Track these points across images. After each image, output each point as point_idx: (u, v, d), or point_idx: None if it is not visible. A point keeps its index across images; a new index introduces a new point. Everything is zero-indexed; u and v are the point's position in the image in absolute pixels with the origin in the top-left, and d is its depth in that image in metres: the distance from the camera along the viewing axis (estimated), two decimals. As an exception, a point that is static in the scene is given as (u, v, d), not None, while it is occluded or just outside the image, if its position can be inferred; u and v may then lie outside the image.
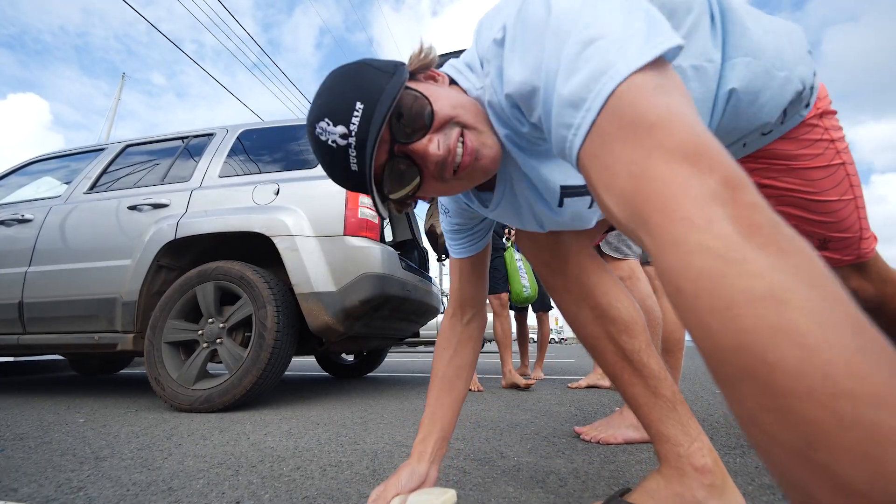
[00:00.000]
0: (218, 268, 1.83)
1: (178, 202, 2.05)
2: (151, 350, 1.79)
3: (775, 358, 0.22)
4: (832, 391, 0.20)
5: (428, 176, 0.51)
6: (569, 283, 0.72)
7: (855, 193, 0.73)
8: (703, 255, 0.25)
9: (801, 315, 0.22)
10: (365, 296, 1.78)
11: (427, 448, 0.71)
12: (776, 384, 0.21)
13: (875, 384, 0.19)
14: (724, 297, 0.24)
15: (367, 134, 0.46)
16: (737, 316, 0.23)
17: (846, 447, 0.19)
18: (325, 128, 0.48)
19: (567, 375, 3.46)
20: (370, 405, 1.86)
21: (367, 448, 1.12)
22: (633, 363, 0.67)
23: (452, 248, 0.79)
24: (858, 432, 0.19)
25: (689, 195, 0.27)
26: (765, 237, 0.25)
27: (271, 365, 1.68)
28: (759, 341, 0.22)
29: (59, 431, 1.32)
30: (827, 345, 0.21)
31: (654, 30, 0.35)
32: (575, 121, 0.35)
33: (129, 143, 2.53)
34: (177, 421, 1.49)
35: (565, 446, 1.14)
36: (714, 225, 0.26)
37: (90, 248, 2.07)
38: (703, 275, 0.25)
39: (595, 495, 0.78)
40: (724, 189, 0.27)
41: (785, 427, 0.22)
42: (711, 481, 0.59)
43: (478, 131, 0.51)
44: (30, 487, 0.83)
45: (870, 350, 0.20)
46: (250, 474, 0.90)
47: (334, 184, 2.04)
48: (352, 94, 0.47)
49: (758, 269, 0.24)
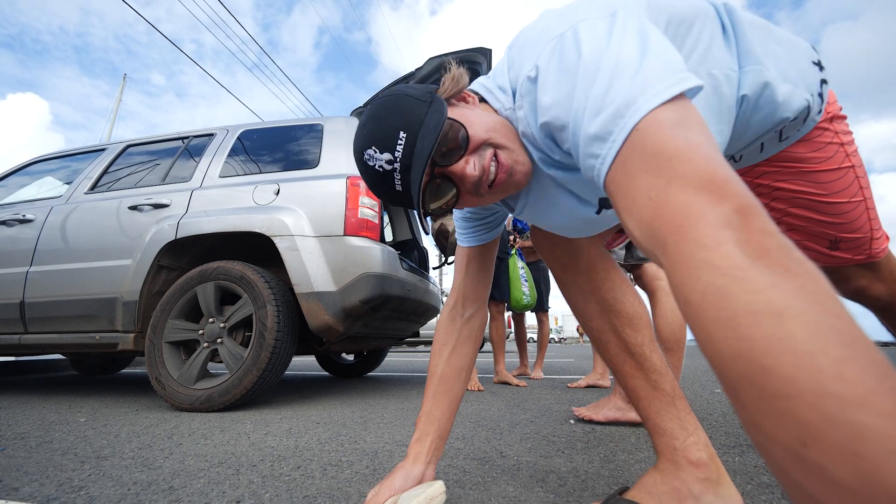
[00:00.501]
0: (218, 268, 1.83)
1: (179, 202, 2.05)
2: (152, 350, 1.79)
3: (770, 364, 0.23)
4: (820, 392, 0.21)
5: (464, 192, 0.57)
6: (579, 278, 0.74)
7: (864, 195, 0.74)
8: (710, 271, 0.28)
9: (797, 326, 0.24)
10: (365, 295, 1.78)
11: (423, 449, 0.71)
12: (771, 388, 0.23)
13: (860, 387, 0.21)
14: (726, 308, 0.26)
15: (410, 160, 0.52)
16: (737, 326, 0.25)
17: (834, 445, 0.21)
18: (372, 154, 0.53)
19: (567, 375, 3.46)
20: (370, 405, 1.86)
21: (367, 447, 1.12)
22: (634, 356, 0.68)
23: (461, 236, 0.80)
24: (845, 430, 0.21)
25: (704, 220, 0.30)
26: (772, 259, 0.27)
27: (272, 364, 1.68)
28: (756, 348, 0.24)
29: (60, 431, 1.33)
30: (818, 352, 0.22)
31: (672, 69, 0.39)
32: (602, 152, 0.39)
33: (129, 143, 2.53)
34: (177, 420, 1.49)
35: (565, 445, 1.14)
36: (723, 246, 0.28)
37: (91, 248, 2.07)
38: (709, 289, 0.27)
39: (594, 494, 0.79)
40: (736, 216, 0.29)
41: (780, 428, 0.23)
42: (706, 475, 0.60)
43: (510, 150, 0.55)
44: (31, 486, 0.83)
45: (859, 359, 0.22)
46: (251, 473, 0.91)
47: (334, 184, 2.03)
48: (395, 124, 0.52)
49: (760, 286, 0.26)
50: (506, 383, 2.65)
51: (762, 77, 0.57)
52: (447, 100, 0.57)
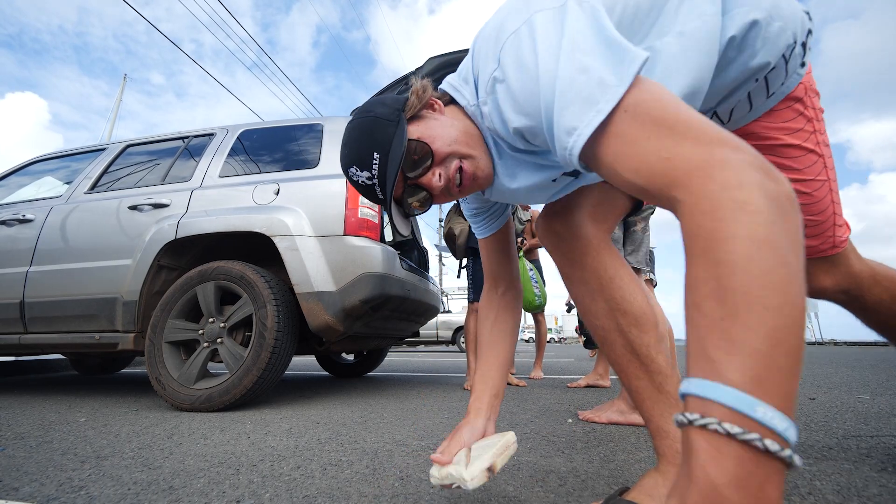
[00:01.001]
0: (218, 267, 1.83)
1: (179, 202, 2.06)
2: (152, 349, 1.79)
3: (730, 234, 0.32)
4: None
5: (436, 195, 0.64)
6: (586, 275, 0.72)
7: (829, 176, 0.75)
8: (736, 209, 0.32)
9: (776, 234, 0.31)
10: (365, 295, 1.78)
11: (482, 405, 0.76)
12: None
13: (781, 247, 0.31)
14: (716, 208, 0.33)
15: (385, 177, 0.60)
16: (721, 219, 0.32)
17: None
18: (355, 172, 0.62)
19: (566, 375, 3.46)
20: (370, 405, 1.86)
21: (367, 447, 1.12)
22: (640, 357, 0.67)
23: (476, 230, 0.88)
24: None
25: (729, 164, 0.34)
26: (780, 203, 0.32)
27: (272, 364, 1.68)
28: (726, 228, 0.32)
29: (60, 430, 1.33)
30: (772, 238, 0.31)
31: (623, 52, 0.44)
32: (579, 126, 0.44)
33: (129, 143, 2.53)
34: (177, 420, 1.50)
35: (564, 445, 1.14)
36: (748, 189, 0.33)
37: (91, 248, 2.07)
38: (713, 201, 0.33)
39: (594, 494, 0.79)
40: (756, 159, 0.34)
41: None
42: None
43: (473, 158, 0.62)
44: (31, 486, 0.83)
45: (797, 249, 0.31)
46: (251, 473, 0.91)
47: (334, 184, 2.04)
48: (368, 146, 0.61)
49: (756, 209, 0.32)
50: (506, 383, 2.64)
51: (749, 16, 0.58)
52: (416, 114, 0.64)
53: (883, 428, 1.35)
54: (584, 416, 1.51)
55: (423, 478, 0.88)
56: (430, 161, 0.61)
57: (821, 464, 0.97)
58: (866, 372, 3.53)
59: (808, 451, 1.07)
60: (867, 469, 0.93)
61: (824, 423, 1.41)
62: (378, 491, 0.80)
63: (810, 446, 1.12)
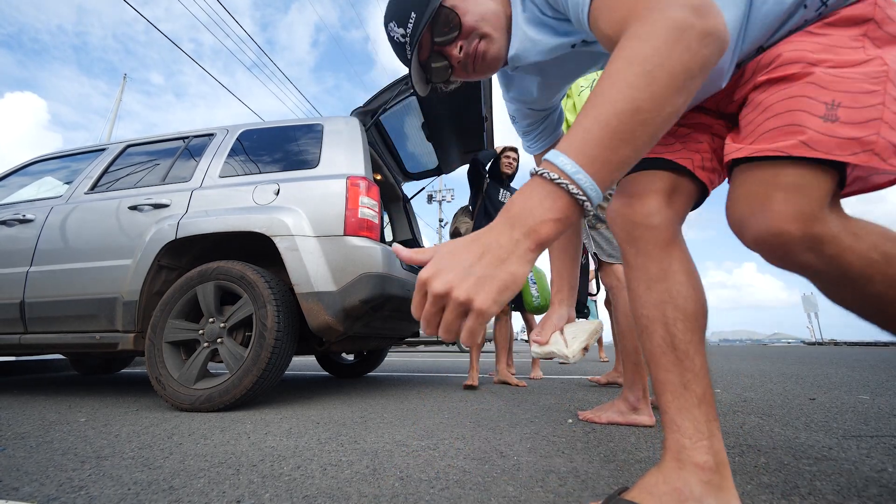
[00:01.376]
0: (218, 268, 1.83)
1: (179, 202, 2.06)
2: (152, 349, 1.79)
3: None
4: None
5: (455, 68, 0.73)
6: (649, 264, 0.71)
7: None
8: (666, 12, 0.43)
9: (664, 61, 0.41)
10: (365, 295, 1.78)
11: (564, 296, 0.89)
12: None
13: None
14: (656, 26, 0.43)
15: (416, 35, 0.69)
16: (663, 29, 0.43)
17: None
18: (393, 28, 0.71)
19: (566, 375, 3.46)
20: (370, 405, 1.86)
21: (367, 447, 1.12)
22: (677, 352, 0.66)
23: (529, 146, 0.96)
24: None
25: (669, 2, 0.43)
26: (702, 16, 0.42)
27: (272, 364, 1.68)
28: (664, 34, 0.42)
29: (60, 430, 1.33)
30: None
31: None
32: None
33: (129, 143, 2.53)
34: (178, 420, 1.50)
35: (565, 445, 1.14)
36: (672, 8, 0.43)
37: (91, 248, 2.07)
38: (657, 20, 0.43)
39: (595, 494, 0.79)
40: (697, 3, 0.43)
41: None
42: (710, 479, 0.59)
43: (491, 39, 0.69)
44: (31, 486, 0.83)
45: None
46: (251, 473, 0.91)
47: (334, 184, 2.03)
48: (409, 6, 0.68)
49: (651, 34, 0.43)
50: (506, 383, 2.65)
51: None
52: None
53: (883, 428, 1.35)
54: (584, 416, 1.51)
55: (424, 478, 0.88)
56: (458, 32, 0.68)
57: (821, 464, 0.97)
58: (866, 372, 3.53)
59: (808, 451, 1.07)
60: (867, 469, 0.93)
61: (824, 423, 1.41)
62: (378, 491, 0.80)
63: (810, 446, 1.12)
